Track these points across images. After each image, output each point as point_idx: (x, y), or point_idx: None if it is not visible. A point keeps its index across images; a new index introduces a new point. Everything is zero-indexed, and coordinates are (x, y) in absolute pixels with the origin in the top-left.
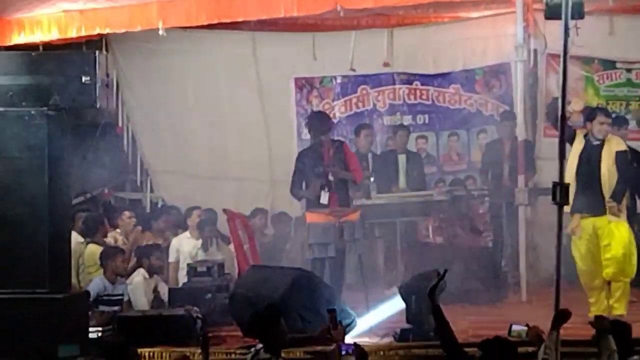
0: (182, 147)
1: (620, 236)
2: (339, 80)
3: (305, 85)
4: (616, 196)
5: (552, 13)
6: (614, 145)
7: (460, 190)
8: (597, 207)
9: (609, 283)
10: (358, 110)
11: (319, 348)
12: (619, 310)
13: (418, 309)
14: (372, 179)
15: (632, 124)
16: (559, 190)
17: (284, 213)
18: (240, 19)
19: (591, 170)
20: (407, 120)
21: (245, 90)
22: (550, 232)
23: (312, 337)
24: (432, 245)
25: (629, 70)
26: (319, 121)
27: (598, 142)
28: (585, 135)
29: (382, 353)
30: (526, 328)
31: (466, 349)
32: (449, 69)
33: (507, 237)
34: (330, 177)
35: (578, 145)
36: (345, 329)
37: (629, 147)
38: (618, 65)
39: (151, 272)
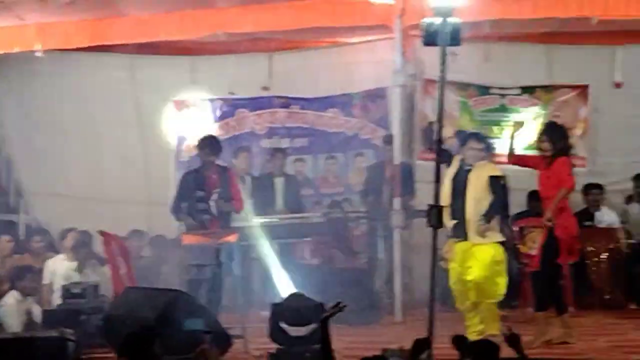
0: (59, 169)
1: (481, 259)
2: (217, 104)
3: (184, 108)
4: (487, 216)
5: (429, 40)
6: (486, 171)
7: (337, 212)
8: (463, 232)
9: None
10: (237, 133)
11: None
12: (491, 330)
13: (278, 329)
14: (249, 201)
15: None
16: (434, 213)
17: (162, 235)
18: (119, 42)
19: (459, 195)
20: (285, 143)
21: (124, 112)
22: (426, 254)
23: (187, 359)
24: (308, 267)
25: (503, 96)
26: (210, 145)
27: (469, 168)
28: (461, 160)
29: None
30: (398, 350)
31: None
32: (328, 93)
33: (383, 258)
34: (212, 203)
35: (452, 169)
36: (221, 350)
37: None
38: (492, 91)
39: (24, 294)
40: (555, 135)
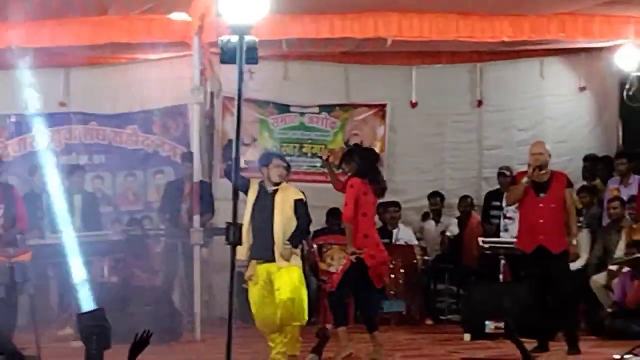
0: None
1: (289, 281)
2: (13, 119)
3: None
4: (293, 240)
5: (226, 57)
6: (290, 194)
7: (137, 229)
8: (269, 254)
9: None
10: (33, 150)
11: None
12: (293, 351)
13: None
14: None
15: (305, 166)
16: (232, 230)
17: None
18: None
19: (264, 218)
20: (84, 160)
21: None
22: (225, 272)
23: None
24: (107, 285)
25: (302, 114)
26: None
27: (272, 190)
28: (261, 182)
29: None
30: None
31: None
32: (127, 110)
33: (183, 276)
34: None
35: (252, 193)
36: None
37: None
38: (292, 109)
39: None
40: (349, 157)
